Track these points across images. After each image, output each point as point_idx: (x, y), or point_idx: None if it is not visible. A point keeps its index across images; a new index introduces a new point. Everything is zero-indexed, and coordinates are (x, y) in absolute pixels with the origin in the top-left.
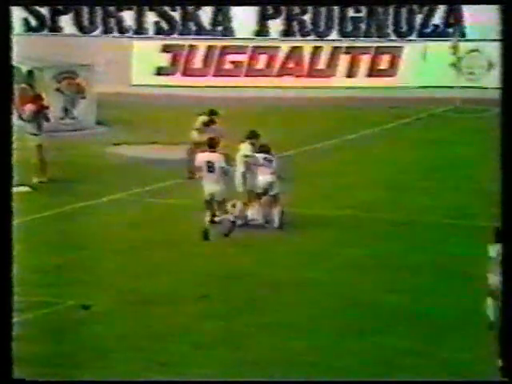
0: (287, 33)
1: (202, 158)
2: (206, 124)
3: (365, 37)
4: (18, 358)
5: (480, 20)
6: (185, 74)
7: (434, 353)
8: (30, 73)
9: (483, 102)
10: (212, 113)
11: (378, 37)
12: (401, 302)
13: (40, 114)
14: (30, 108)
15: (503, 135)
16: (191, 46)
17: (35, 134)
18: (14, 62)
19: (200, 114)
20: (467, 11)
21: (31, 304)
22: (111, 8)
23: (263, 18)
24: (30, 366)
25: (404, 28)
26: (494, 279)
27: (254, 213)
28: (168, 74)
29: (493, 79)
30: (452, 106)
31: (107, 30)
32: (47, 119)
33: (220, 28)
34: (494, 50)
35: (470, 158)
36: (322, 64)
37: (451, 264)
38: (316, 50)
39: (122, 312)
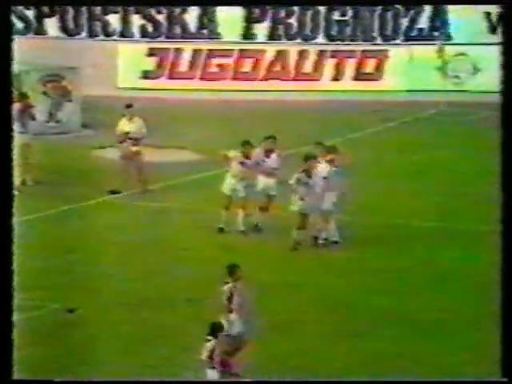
0: (273, 36)
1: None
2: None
3: (350, 40)
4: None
5: (466, 23)
6: (171, 77)
7: (426, 355)
8: (17, 76)
9: (469, 106)
10: (128, 106)
11: (364, 40)
12: (388, 304)
13: (25, 113)
14: (15, 107)
15: (503, 138)
16: (177, 50)
17: (21, 133)
18: None
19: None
20: (452, 14)
21: (17, 307)
22: (96, 11)
23: (249, 22)
24: (18, 369)
25: (389, 31)
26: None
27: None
28: (154, 78)
29: (478, 83)
30: (438, 109)
31: (92, 33)
32: (33, 118)
33: (206, 31)
34: (479, 54)
35: (455, 161)
36: (307, 67)
37: (438, 266)
38: (302, 54)
39: (110, 315)
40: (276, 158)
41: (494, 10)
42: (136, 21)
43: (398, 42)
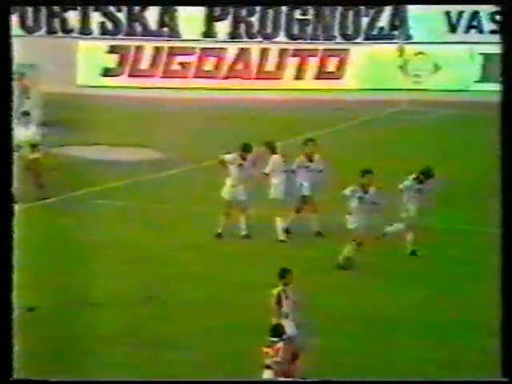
0: (234, 35)
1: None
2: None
3: (311, 39)
4: None
5: (426, 22)
6: (131, 74)
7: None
8: None
9: (429, 104)
10: (25, 114)
11: (325, 39)
12: (350, 303)
13: None
14: None
15: (502, 138)
16: (138, 47)
17: None
18: None
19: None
20: (412, 14)
21: None
22: (55, 8)
23: (210, 20)
24: None
25: (350, 30)
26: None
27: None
28: (114, 75)
29: (438, 81)
30: (399, 107)
31: (51, 30)
32: None
33: (166, 29)
34: (439, 53)
35: (416, 159)
36: (269, 66)
37: (395, 265)
38: (264, 52)
39: (68, 314)
40: (319, 160)
41: (454, 9)
42: (95, 18)
43: (358, 40)
